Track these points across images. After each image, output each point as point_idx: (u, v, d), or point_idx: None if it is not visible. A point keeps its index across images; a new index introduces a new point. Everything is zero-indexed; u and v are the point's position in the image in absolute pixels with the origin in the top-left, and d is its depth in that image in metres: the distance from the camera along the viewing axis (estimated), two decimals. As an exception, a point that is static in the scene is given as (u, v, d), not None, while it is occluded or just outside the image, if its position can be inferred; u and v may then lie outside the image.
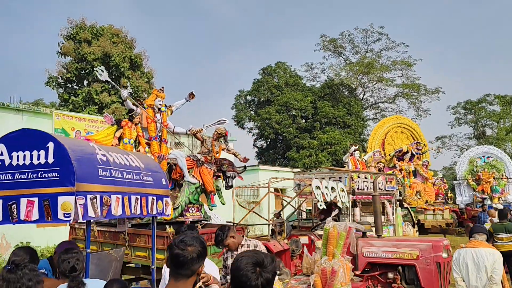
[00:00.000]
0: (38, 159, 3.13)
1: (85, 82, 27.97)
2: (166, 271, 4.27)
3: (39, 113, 13.92)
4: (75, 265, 2.90)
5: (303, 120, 35.12)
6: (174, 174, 9.18)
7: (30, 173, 3.12)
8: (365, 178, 10.29)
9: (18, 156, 3.15)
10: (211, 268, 3.53)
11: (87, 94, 25.26)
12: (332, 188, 6.65)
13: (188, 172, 9.12)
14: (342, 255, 3.99)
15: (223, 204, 9.84)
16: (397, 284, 5.85)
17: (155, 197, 4.15)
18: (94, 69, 7.99)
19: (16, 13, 74.49)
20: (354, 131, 32.66)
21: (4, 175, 3.15)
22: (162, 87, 9.36)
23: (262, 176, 19.38)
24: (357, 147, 15.60)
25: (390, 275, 5.93)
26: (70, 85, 27.42)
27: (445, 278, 5.69)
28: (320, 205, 6.24)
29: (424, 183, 17.91)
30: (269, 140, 36.08)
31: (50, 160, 3.11)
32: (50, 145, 3.13)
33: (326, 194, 6.38)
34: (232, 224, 7.52)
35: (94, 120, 15.28)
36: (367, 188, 10.27)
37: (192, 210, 8.99)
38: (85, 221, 6.87)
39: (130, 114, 8.58)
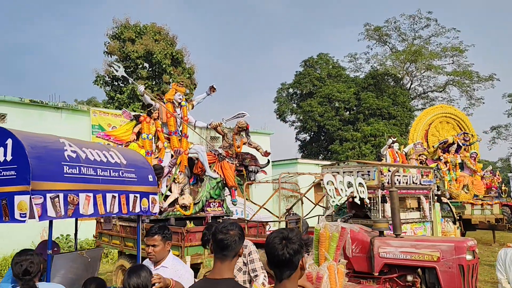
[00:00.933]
0: (-2, 156, 3.03)
1: (130, 80, 28.62)
2: None
3: (77, 110, 14.33)
4: (28, 268, 2.78)
5: (347, 112, 34.20)
6: (196, 169, 9.08)
7: (-11, 172, 3.03)
8: (397, 171, 9.69)
9: (-22, 154, 3.07)
10: (182, 270, 3.30)
11: (131, 92, 25.97)
12: (348, 183, 6.22)
13: (210, 167, 8.99)
14: (335, 258, 3.64)
15: (247, 199, 9.66)
16: (417, 288, 5.38)
17: (138, 195, 3.99)
18: (112, 64, 8.00)
19: (74, 18, 78.10)
20: (400, 122, 31.36)
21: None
22: (182, 81, 9.28)
23: (301, 170, 19.01)
24: (395, 139, 14.87)
25: (409, 277, 5.46)
26: (116, 83, 28.26)
27: (470, 283, 5.14)
28: (333, 201, 5.85)
29: (472, 176, 16.76)
30: (312, 133, 35.48)
31: (9, 157, 3.00)
32: (9, 142, 3.02)
33: (341, 189, 5.98)
34: (245, 221, 7.28)
35: (129, 116, 15.53)
36: (399, 182, 9.69)
37: (214, 205, 8.85)
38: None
39: (148, 109, 8.54)
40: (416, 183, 10.10)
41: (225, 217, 9.07)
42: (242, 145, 9.29)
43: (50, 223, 3.22)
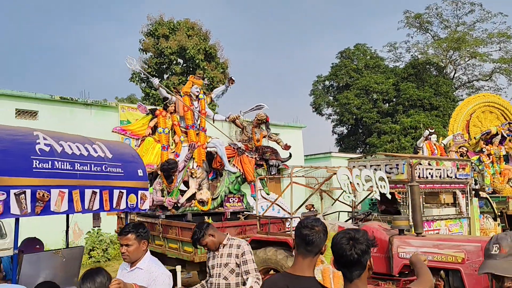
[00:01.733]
0: (-38, 150, 2.88)
1: (165, 76, 28.93)
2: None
3: (106, 106, 14.50)
4: (-16, 268, 2.62)
5: (386, 104, 33.05)
6: (215, 164, 8.85)
7: (-46, 166, 2.88)
8: (429, 164, 9.06)
9: None
10: (157, 272, 3.03)
11: (165, 87, 26.20)
12: (367, 176, 5.77)
13: (229, 161, 8.74)
14: (332, 261, 3.26)
15: (268, 194, 9.34)
16: (440, 292, 4.88)
17: (124, 190, 3.77)
18: (126, 57, 7.89)
19: (113, 17, 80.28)
20: (443, 113, 29.93)
21: None
22: (200, 74, 9.05)
23: (335, 164, 18.44)
24: (433, 130, 14.10)
25: (432, 280, 4.96)
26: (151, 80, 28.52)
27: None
28: (348, 196, 5.43)
29: (519, 169, 15.60)
30: (349, 126, 34.58)
31: (-28, 151, 2.85)
32: (-28, 135, 2.87)
33: (357, 184, 5.54)
34: (257, 217, 6.95)
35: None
36: (432, 176, 9.06)
37: (233, 201, 8.60)
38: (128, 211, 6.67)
39: (164, 102, 8.39)
40: (451, 177, 9.44)
41: (245, 212, 8.80)
42: (262, 138, 8.98)
43: (17, 221, 3.04)
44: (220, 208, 8.48)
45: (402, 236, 5.36)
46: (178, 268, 3.77)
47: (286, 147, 8.89)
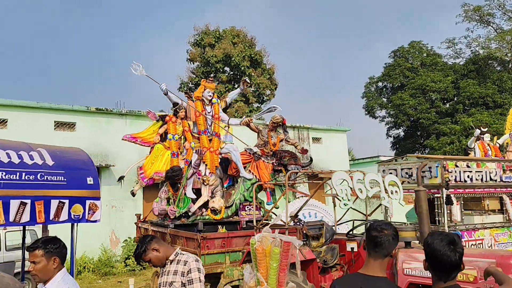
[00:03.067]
0: None
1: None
2: None
3: (139, 115, 14.68)
4: None
5: (447, 104, 31.00)
6: (230, 170, 8.48)
7: None
8: (468, 166, 8.09)
9: None
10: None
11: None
12: (373, 181, 5.10)
13: (245, 167, 8.33)
14: (278, 283, 2.71)
15: (289, 201, 8.80)
16: (451, 316, 4.11)
17: (66, 200, 3.48)
18: (132, 63, 7.73)
19: (162, 28, 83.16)
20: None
21: None
22: (211, 77, 8.73)
23: (384, 168, 17.38)
24: (485, 130, 12.82)
25: (441, 302, 4.22)
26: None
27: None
28: (345, 204, 4.80)
29: None
30: (405, 129, 32.81)
31: None
32: None
33: (359, 189, 4.90)
34: (254, 227, 6.45)
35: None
36: (471, 179, 8.09)
37: (249, 209, 8.15)
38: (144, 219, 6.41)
39: (174, 108, 8.15)
40: (496, 180, 8.38)
41: (263, 221, 8.31)
42: (279, 142, 8.46)
43: None
44: (235, 216, 8.08)
45: (408, 249, 4.64)
46: (131, 281, 3.39)
47: (303, 151, 8.32)
